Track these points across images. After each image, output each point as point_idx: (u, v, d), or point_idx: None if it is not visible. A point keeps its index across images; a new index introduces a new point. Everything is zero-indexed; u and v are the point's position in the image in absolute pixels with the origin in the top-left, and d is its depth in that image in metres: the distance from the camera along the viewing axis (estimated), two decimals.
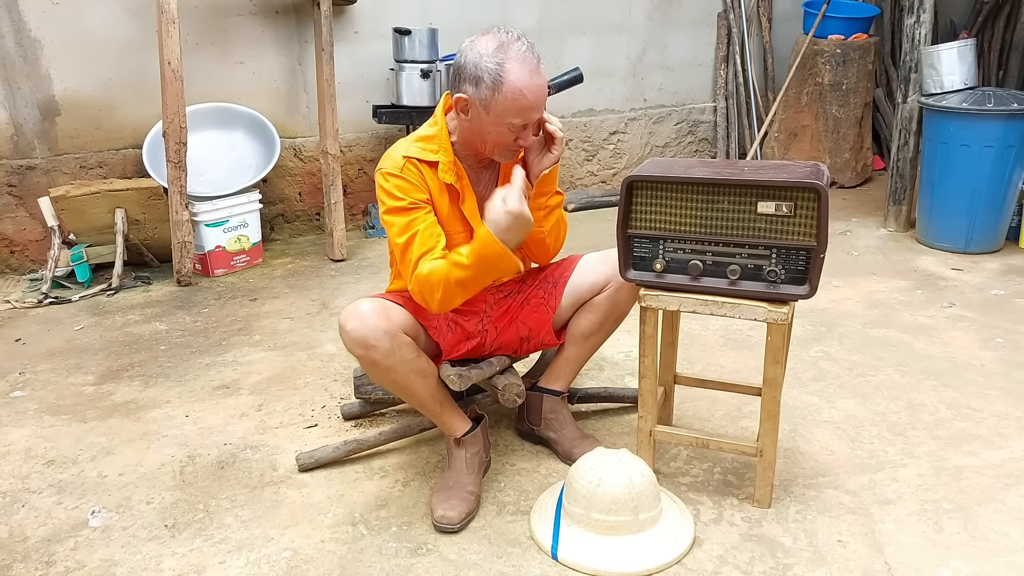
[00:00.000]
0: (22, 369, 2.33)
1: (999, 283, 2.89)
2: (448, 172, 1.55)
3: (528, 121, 1.48)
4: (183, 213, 2.97)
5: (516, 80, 1.42)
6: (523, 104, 1.44)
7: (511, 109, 1.44)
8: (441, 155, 1.55)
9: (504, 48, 1.43)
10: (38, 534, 1.58)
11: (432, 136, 1.57)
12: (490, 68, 1.42)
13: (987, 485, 1.67)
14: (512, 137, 1.50)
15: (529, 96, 1.44)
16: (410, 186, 1.53)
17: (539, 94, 1.46)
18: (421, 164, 1.55)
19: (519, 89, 1.43)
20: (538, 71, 1.45)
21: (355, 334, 1.50)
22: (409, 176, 1.53)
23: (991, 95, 3.05)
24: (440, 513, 1.54)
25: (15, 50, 2.99)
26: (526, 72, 1.43)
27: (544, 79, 1.48)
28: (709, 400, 2.04)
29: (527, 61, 1.44)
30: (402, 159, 1.54)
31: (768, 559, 1.46)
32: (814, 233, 1.43)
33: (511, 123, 1.46)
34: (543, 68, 1.47)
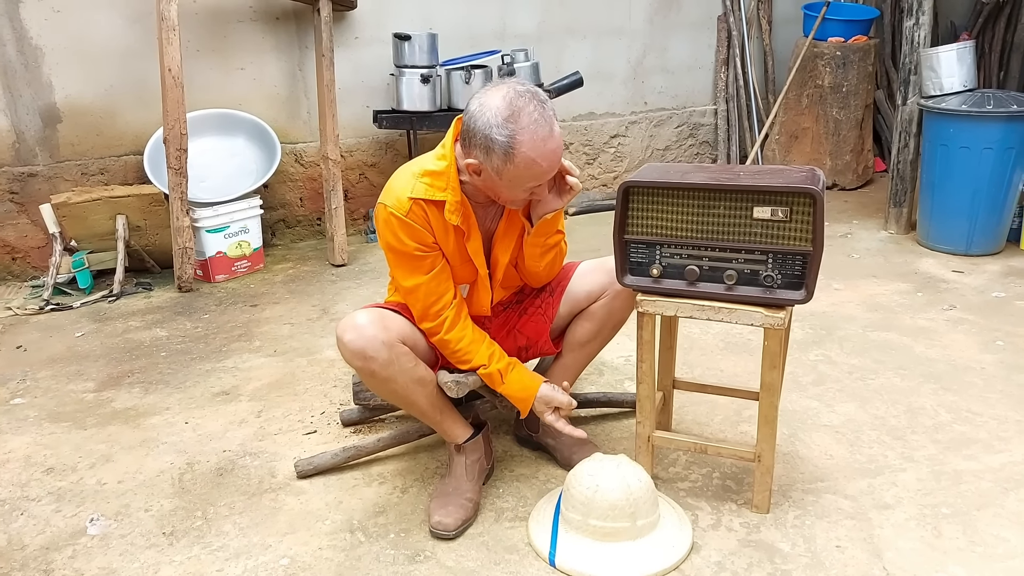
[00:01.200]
0: (23, 376, 2.34)
1: (1000, 285, 2.88)
2: (454, 213, 1.51)
3: (543, 182, 1.47)
4: (184, 219, 2.98)
5: (529, 151, 1.38)
6: (537, 171, 1.42)
7: (525, 176, 1.42)
8: (448, 194, 1.50)
9: (515, 117, 1.36)
10: (36, 542, 1.58)
11: (440, 172, 1.50)
12: (501, 141, 1.37)
13: (986, 489, 1.66)
14: (526, 195, 1.49)
15: (543, 163, 1.41)
16: (416, 231, 1.50)
17: (553, 159, 1.42)
18: (427, 205, 1.50)
19: (532, 159, 1.39)
20: (552, 135, 1.40)
21: (353, 345, 1.50)
22: (414, 220, 1.49)
23: (991, 97, 3.04)
24: (437, 519, 1.54)
25: (16, 58, 3.01)
26: (539, 140, 1.38)
27: (559, 141, 1.42)
28: (708, 404, 2.04)
29: (540, 128, 1.38)
30: (408, 200, 1.48)
31: (766, 565, 1.45)
32: (810, 238, 1.43)
33: (529, 187, 1.46)
34: (557, 126, 1.42)
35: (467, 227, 1.56)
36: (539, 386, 1.61)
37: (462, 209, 1.52)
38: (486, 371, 1.59)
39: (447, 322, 1.57)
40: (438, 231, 1.53)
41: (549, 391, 1.61)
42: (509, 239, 1.64)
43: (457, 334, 1.57)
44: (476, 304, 1.67)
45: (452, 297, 1.57)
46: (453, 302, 1.58)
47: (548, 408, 1.62)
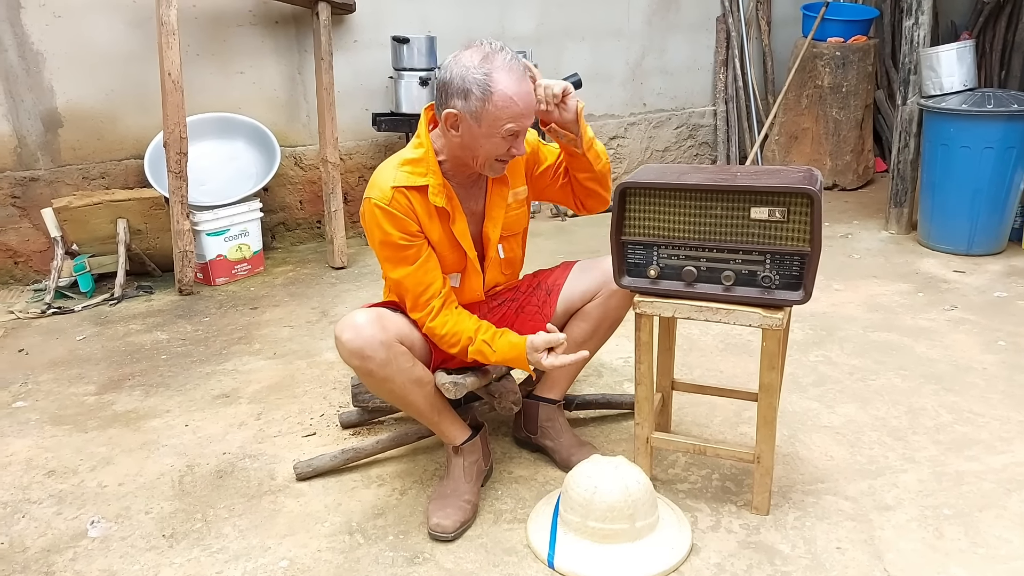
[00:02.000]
0: (24, 379, 2.35)
1: (1001, 285, 2.87)
2: (438, 195, 1.54)
3: (520, 128, 1.49)
4: (184, 223, 2.98)
5: (505, 88, 1.43)
6: (515, 111, 1.45)
7: (503, 117, 1.45)
8: (430, 178, 1.53)
9: (489, 59, 1.44)
10: (38, 544, 1.58)
11: (419, 159, 1.55)
12: (478, 79, 1.43)
13: (988, 490, 1.66)
14: (505, 147, 1.50)
15: (520, 103, 1.45)
16: (400, 220, 1.52)
17: (528, 100, 1.47)
18: (410, 192, 1.53)
19: (509, 96, 1.43)
20: (524, 78, 1.47)
21: (351, 345, 1.50)
22: (397, 209, 1.51)
23: (991, 96, 3.04)
24: (435, 521, 1.54)
25: (18, 63, 3.02)
26: (514, 80, 1.44)
27: (531, 86, 1.49)
28: (708, 406, 2.04)
29: (513, 69, 1.45)
30: (390, 190, 1.51)
31: (766, 566, 1.45)
32: (808, 238, 1.43)
33: (505, 131, 1.46)
34: (528, 76, 1.49)
35: (451, 208, 1.57)
36: (526, 338, 1.56)
37: (445, 191, 1.55)
38: (475, 346, 1.57)
39: (434, 311, 1.57)
40: (423, 217, 1.55)
41: (536, 337, 1.55)
42: (497, 215, 1.65)
43: (443, 318, 1.57)
44: (469, 290, 1.67)
45: (440, 286, 1.58)
46: (442, 291, 1.58)
47: (544, 352, 1.54)
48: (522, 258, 1.81)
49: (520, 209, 1.71)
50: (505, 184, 1.65)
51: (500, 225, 1.66)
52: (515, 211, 1.69)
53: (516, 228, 1.72)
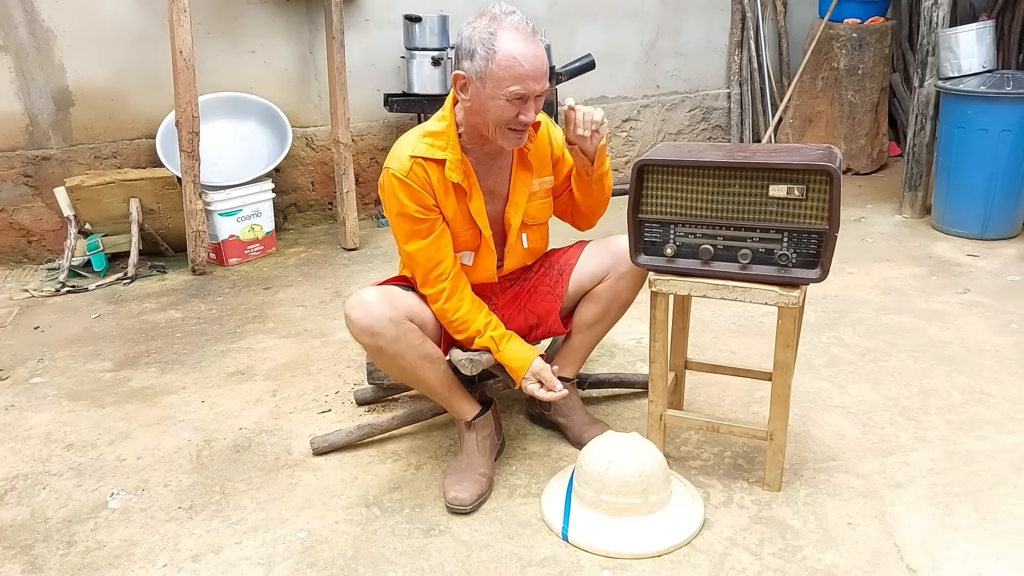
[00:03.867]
0: (41, 356, 2.38)
1: (1015, 269, 2.85)
2: (455, 171, 1.53)
3: (526, 91, 1.45)
4: (197, 202, 3.00)
5: (509, 47, 1.42)
6: (518, 72, 1.42)
7: (506, 77, 1.43)
8: (449, 152, 1.53)
9: (496, 20, 1.44)
10: (59, 515, 1.61)
11: (440, 132, 1.55)
12: (483, 38, 1.43)
13: (999, 469, 1.66)
14: (513, 112, 1.46)
15: (524, 63, 1.42)
16: (416, 192, 1.52)
17: (535, 63, 1.43)
18: (428, 163, 1.53)
19: (512, 55, 1.41)
20: (533, 40, 1.44)
21: (360, 322, 1.51)
22: (414, 181, 1.52)
23: (1010, 78, 3.00)
24: (452, 495, 1.56)
25: (28, 40, 3.02)
26: (519, 39, 1.42)
27: (540, 49, 1.45)
28: (720, 386, 2.04)
29: (520, 30, 1.43)
30: (409, 160, 1.52)
31: (778, 541, 1.46)
32: (826, 216, 1.42)
33: (508, 92, 1.44)
34: (540, 39, 1.46)
35: (468, 186, 1.57)
36: (535, 358, 1.61)
37: (463, 167, 1.55)
38: (482, 339, 1.59)
39: (445, 292, 1.57)
40: (439, 192, 1.55)
41: (542, 365, 1.61)
42: (519, 200, 1.65)
43: (455, 304, 1.58)
44: (482, 270, 1.67)
45: (451, 265, 1.58)
46: (452, 271, 1.58)
47: (535, 380, 1.61)
48: (544, 249, 1.80)
49: (546, 199, 1.70)
50: (529, 170, 1.65)
51: (522, 212, 1.65)
52: (540, 200, 1.69)
53: (541, 218, 1.71)
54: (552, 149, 1.69)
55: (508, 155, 1.63)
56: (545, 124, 1.68)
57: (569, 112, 1.52)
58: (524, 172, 1.64)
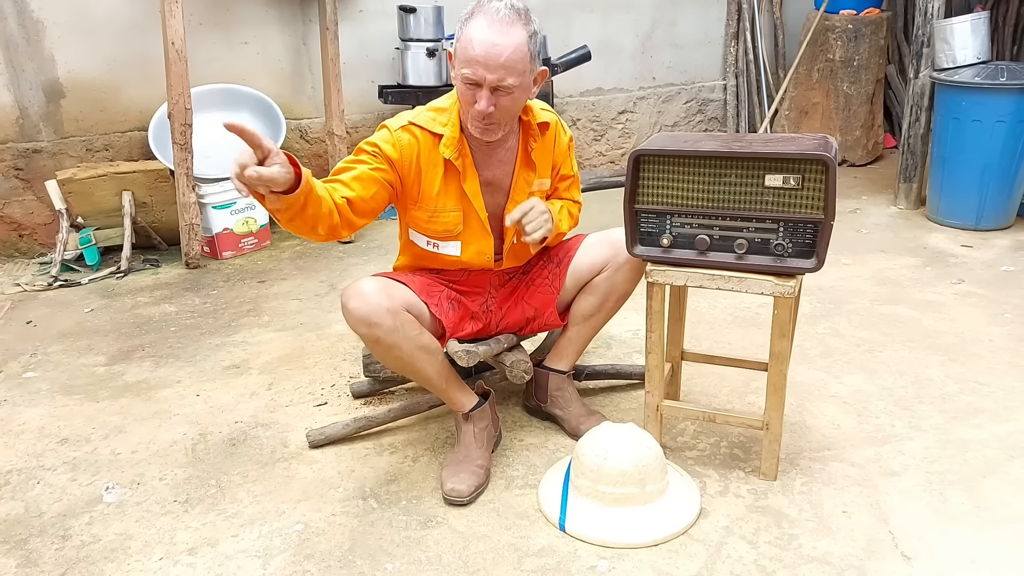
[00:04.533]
0: (34, 351, 2.36)
1: (1009, 259, 2.86)
2: (449, 147, 1.54)
3: (475, 76, 1.42)
4: (190, 195, 2.97)
5: (471, 30, 1.42)
6: (469, 55, 1.42)
7: (461, 58, 1.44)
8: (448, 129, 1.55)
9: (484, 3, 1.44)
10: (54, 509, 1.60)
11: (445, 108, 1.57)
12: (463, 18, 1.45)
13: (992, 457, 1.67)
14: (470, 96, 1.46)
15: (477, 47, 1.40)
16: (389, 143, 1.53)
17: (490, 49, 1.40)
18: (423, 133, 1.54)
19: (470, 38, 1.42)
20: (501, 28, 1.40)
21: (357, 312, 1.50)
22: (399, 140, 1.53)
23: (1004, 69, 3.00)
24: (450, 486, 1.56)
25: (18, 32, 2.99)
26: (485, 24, 1.41)
27: (507, 39, 1.40)
28: (716, 377, 2.05)
29: (492, 16, 1.41)
30: (407, 122, 1.55)
31: (773, 529, 1.47)
32: (822, 206, 1.42)
33: (461, 75, 1.44)
34: (517, 36, 1.41)
35: (462, 166, 1.57)
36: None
37: (458, 147, 1.55)
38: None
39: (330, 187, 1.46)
40: (425, 163, 1.55)
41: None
42: (519, 198, 1.65)
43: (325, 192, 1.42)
44: (477, 253, 1.66)
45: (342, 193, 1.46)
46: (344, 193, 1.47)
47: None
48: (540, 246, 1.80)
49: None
50: (532, 169, 1.65)
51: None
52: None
53: None
54: (555, 154, 1.70)
55: (509, 149, 1.62)
56: (554, 126, 1.68)
57: (515, 229, 1.59)
58: (527, 171, 1.64)
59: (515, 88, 1.45)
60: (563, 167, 1.74)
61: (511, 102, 1.48)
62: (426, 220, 1.61)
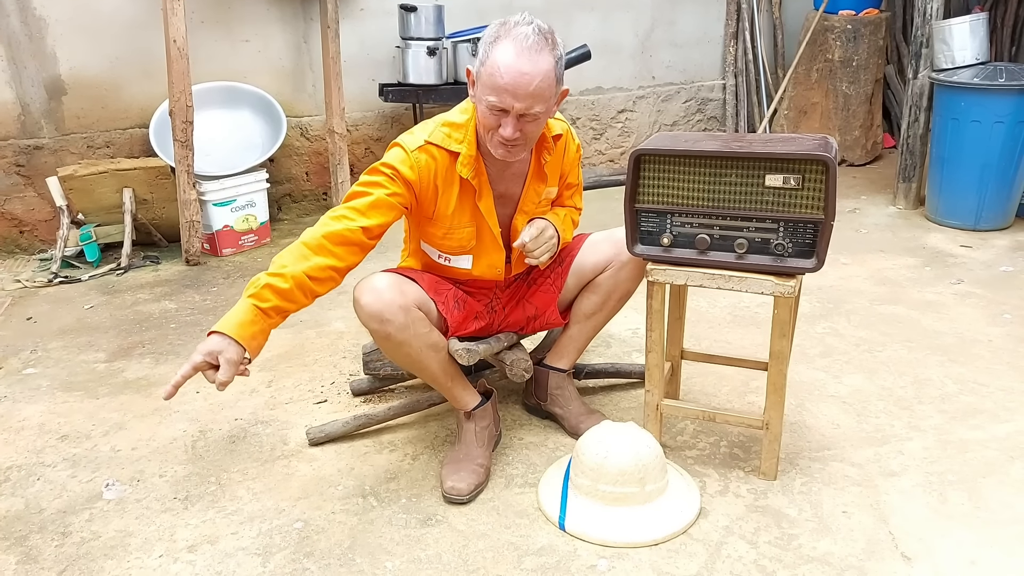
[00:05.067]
0: (34, 347, 2.36)
1: (1008, 260, 2.87)
2: (466, 166, 1.52)
3: (502, 104, 1.40)
4: (190, 192, 2.97)
5: (498, 56, 1.39)
6: (496, 83, 1.39)
7: (487, 84, 1.41)
8: (464, 147, 1.52)
9: (507, 26, 1.41)
10: (54, 506, 1.61)
11: (460, 124, 1.54)
12: (488, 41, 1.42)
13: (992, 458, 1.68)
14: (494, 121, 1.44)
15: (504, 76, 1.38)
16: (406, 166, 1.49)
17: (518, 79, 1.37)
18: (439, 152, 1.51)
19: (497, 65, 1.39)
20: (529, 55, 1.37)
21: (370, 308, 1.50)
22: (416, 163, 1.49)
23: (1003, 70, 3.01)
24: (450, 485, 1.56)
25: (20, 29, 2.99)
26: (512, 53, 1.38)
27: (535, 67, 1.38)
28: (716, 376, 2.05)
29: (519, 43, 1.38)
30: (424, 142, 1.51)
31: (773, 529, 1.47)
32: (822, 206, 1.43)
33: (487, 101, 1.42)
34: (544, 63, 1.38)
35: (478, 184, 1.56)
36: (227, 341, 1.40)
37: (475, 164, 1.54)
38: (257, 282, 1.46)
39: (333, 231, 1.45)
40: (441, 182, 1.54)
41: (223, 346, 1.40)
42: (529, 209, 1.65)
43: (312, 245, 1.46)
44: (488, 267, 1.66)
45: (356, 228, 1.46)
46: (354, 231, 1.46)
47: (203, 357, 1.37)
48: None
49: (546, 207, 1.71)
50: (544, 180, 1.65)
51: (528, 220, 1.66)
52: (542, 208, 1.70)
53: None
54: (564, 163, 1.70)
55: (522, 161, 1.61)
56: (566, 136, 1.67)
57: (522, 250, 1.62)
58: (538, 182, 1.64)
59: (541, 114, 1.45)
60: (570, 175, 1.74)
61: (536, 127, 1.47)
62: (441, 236, 1.61)
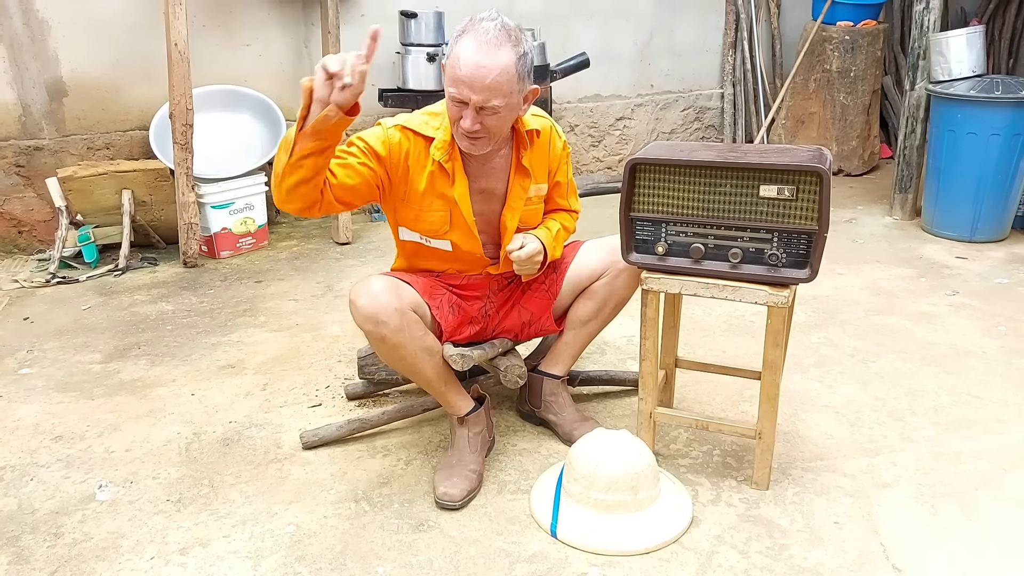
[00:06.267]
0: (30, 347, 2.36)
1: (1003, 272, 2.88)
2: (440, 150, 1.56)
3: (460, 96, 1.43)
4: (189, 195, 2.98)
5: (460, 48, 1.43)
6: (455, 75, 1.42)
7: (448, 76, 1.45)
8: (440, 132, 1.56)
9: (474, 22, 1.44)
10: (46, 507, 1.61)
11: (438, 113, 1.59)
12: (455, 35, 1.46)
13: (984, 470, 1.68)
14: (456, 112, 1.48)
15: (462, 68, 1.41)
16: (381, 144, 1.53)
17: (474, 71, 1.40)
18: (415, 136, 1.56)
19: (457, 57, 1.42)
20: (488, 49, 1.40)
21: (366, 310, 1.51)
22: (390, 139, 1.54)
23: (999, 82, 3.03)
24: (442, 490, 1.56)
25: (23, 30, 3.00)
26: (472, 45, 1.41)
27: (493, 60, 1.40)
28: (710, 385, 2.05)
29: (480, 36, 1.41)
30: (400, 126, 1.57)
31: (765, 539, 1.47)
32: (816, 217, 1.43)
33: (449, 92, 1.46)
34: (504, 58, 1.40)
35: (452, 169, 1.58)
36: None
37: (449, 150, 1.56)
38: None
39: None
40: (413, 163, 1.57)
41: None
42: (516, 204, 1.66)
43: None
44: (469, 257, 1.66)
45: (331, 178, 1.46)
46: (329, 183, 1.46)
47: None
48: None
49: (539, 205, 1.72)
50: (527, 176, 1.66)
51: (518, 217, 1.67)
52: (534, 206, 1.70)
53: (533, 223, 1.73)
54: (550, 159, 1.71)
55: (503, 156, 1.63)
56: (548, 132, 1.68)
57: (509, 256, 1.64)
58: (522, 177, 1.65)
59: (500, 108, 1.46)
60: (558, 173, 1.75)
61: (497, 121, 1.48)
62: (413, 219, 1.63)
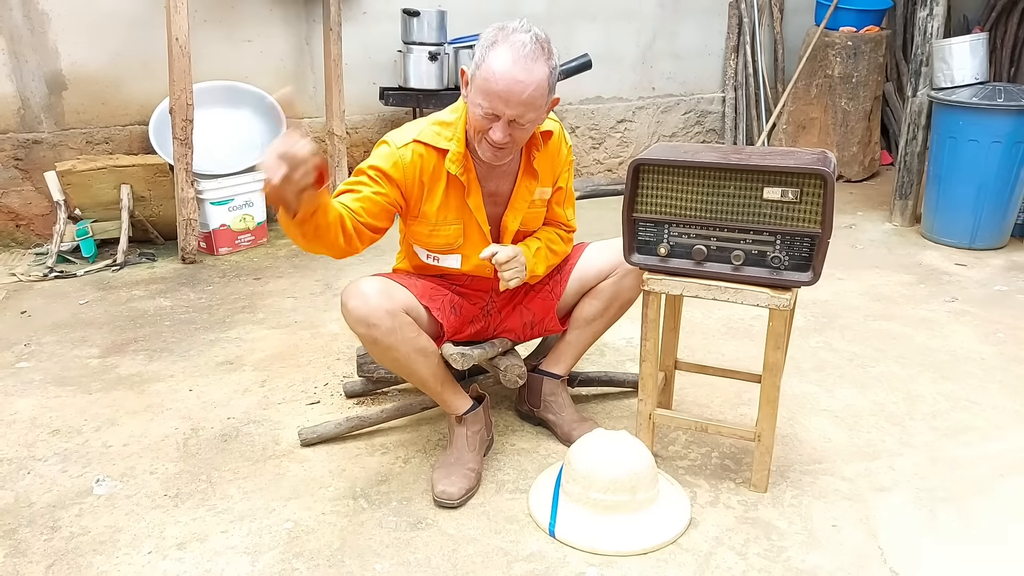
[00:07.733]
0: (27, 341, 2.35)
1: (1002, 279, 2.89)
2: (455, 163, 1.53)
3: (494, 110, 1.41)
4: (188, 190, 2.97)
5: (493, 62, 1.40)
6: (490, 89, 1.40)
7: (481, 89, 1.42)
8: (453, 144, 1.54)
9: (504, 31, 1.42)
10: (43, 500, 1.60)
11: (450, 123, 1.56)
12: (485, 45, 1.42)
13: (982, 475, 1.68)
14: (485, 124, 1.45)
15: (498, 82, 1.38)
16: (392, 164, 1.51)
17: (511, 86, 1.38)
18: (428, 149, 1.53)
19: (492, 71, 1.40)
20: (524, 64, 1.38)
21: (357, 312, 1.50)
22: (403, 160, 1.51)
23: (1001, 90, 3.04)
24: (441, 489, 1.56)
25: (23, 23, 2.99)
26: (508, 59, 1.38)
27: (530, 76, 1.38)
28: (709, 387, 2.06)
29: (516, 50, 1.38)
30: (412, 140, 1.53)
31: (763, 541, 1.47)
32: (819, 220, 1.44)
33: (480, 105, 1.43)
34: (538, 73, 1.39)
35: (467, 180, 1.56)
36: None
37: (464, 162, 1.55)
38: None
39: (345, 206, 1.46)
40: (428, 179, 1.55)
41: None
42: (519, 206, 1.65)
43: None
44: (477, 265, 1.66)
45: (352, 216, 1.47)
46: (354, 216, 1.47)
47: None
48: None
49: (541, 208, 1.71)
50: (534, 178, 1.64)
51: (520, 219, 1.66)
52: (537, 209, 1.70)
53: (534, 226, 1.72)
54: (557, 163, 1.70)
55: (512, 159, 1.62)
56: (558, 135, 1.67)
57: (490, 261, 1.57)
58: (529, 179, 1.64)
59: (532, 122, 1.46)
60: (560, 178, 1.74)
61: (525, 133, 1.48)
62: (427, 235, 1.61)
